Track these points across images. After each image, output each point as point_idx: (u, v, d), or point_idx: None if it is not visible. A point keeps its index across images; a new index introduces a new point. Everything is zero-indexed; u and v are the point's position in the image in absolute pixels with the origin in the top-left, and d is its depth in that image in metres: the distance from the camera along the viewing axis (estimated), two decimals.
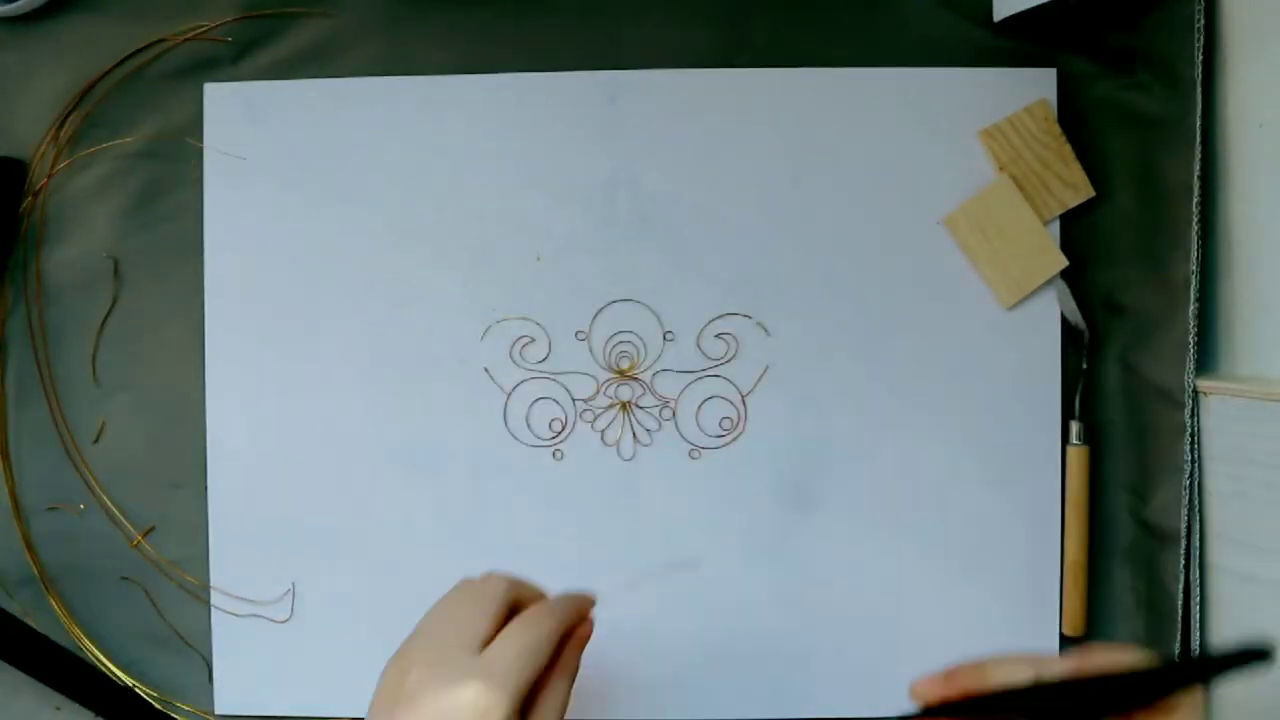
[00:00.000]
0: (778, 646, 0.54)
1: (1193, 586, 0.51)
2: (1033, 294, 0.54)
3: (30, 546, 0.56)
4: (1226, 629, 0.49)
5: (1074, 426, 0.54)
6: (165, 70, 0.55)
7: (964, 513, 0.54)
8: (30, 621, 0.55)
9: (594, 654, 0.54)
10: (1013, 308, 0.54)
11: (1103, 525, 0.54)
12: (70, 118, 0.56)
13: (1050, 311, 0.54)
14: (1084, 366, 0.54)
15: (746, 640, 0.54)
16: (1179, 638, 0.51)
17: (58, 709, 0.56)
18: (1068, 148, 0.53)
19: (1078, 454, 0.53)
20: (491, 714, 0.37)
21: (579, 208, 0.55)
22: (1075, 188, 0.54)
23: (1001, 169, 0.54)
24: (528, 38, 0.55)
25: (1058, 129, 0.53)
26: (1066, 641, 0.54)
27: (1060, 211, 0.53)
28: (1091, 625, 0.54)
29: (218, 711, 0.55)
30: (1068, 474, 0.54)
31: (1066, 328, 0.54)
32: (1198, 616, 0.51)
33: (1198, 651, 0.47)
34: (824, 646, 0.54)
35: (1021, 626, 0.54)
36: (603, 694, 0.54)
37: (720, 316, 0.55)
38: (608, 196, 0.55)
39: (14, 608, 0.56)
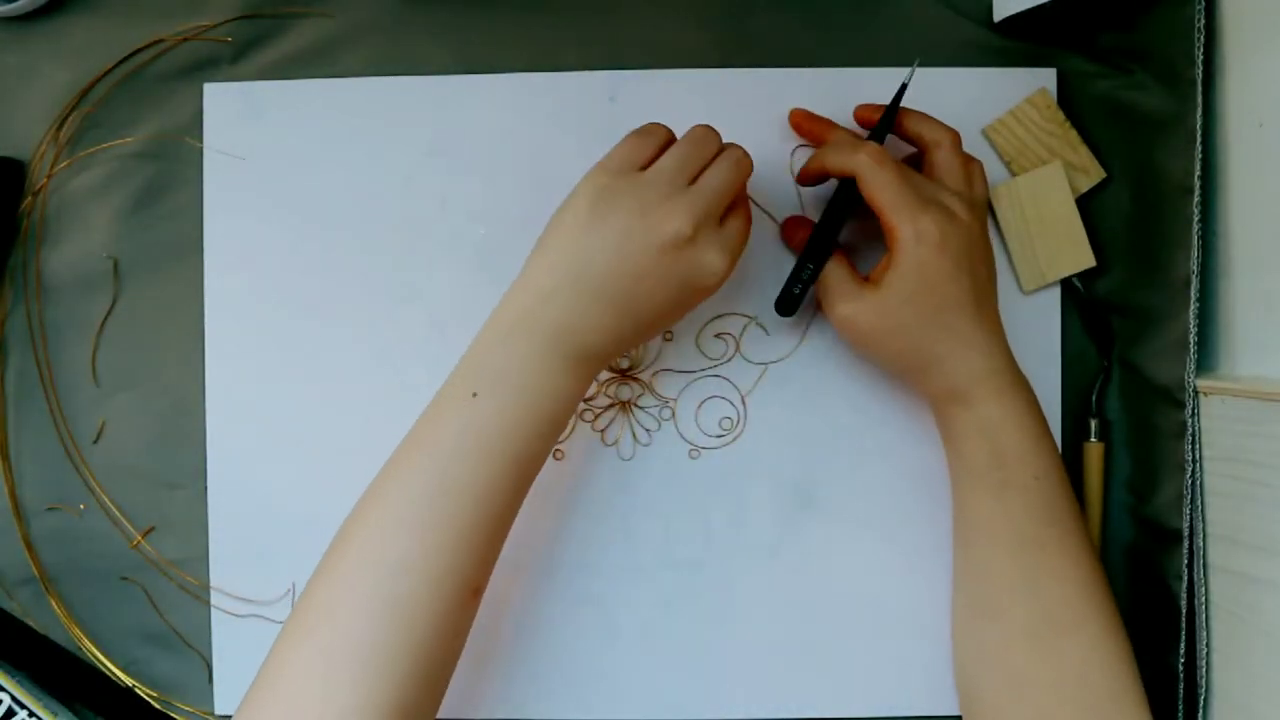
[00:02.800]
0: (777, 646, 0.54)
1: (1196, 586, 0.51)
2: (1046, 288, 0.54)
3: (30, 546, 0.56)
4: (1226, 629, 0.49)
5: (1091, 423, 0.54)
6: (165, 70, 0.55)
7: None
8: (30, 621, 0.55)
9: (593, 653, 0.54)
10: (1030, 293, 0.54)
11: (1104, 524, 0.54)
12: (70, 118, 0.56)
13: (1052, 310, 0.54)
14: (1104, 364, 0.54)
15: (746, 640, 0.54)
16: (1182, 637, 0.51)
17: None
18: (1074, 133, 0.53)
19: (1094, 450, 0.53)
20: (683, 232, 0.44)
21: None
22: (1086, 171, 0.54)
23: (1010, 163, 0.54)
24: (528, 38, 0.55)
25: (1061, 115, 0.53)
26: None
27: (1074, 197, 0.53)
28: None
29: (218, 711, 0.55)
30: (1085, 470, 0.54)
31: (1088, 324, 0.54)
32: (1201, 617, 0.51)
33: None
34: (823, 646, 0.54)
35: None
36: (602, 694, 0.54)
37: (720, 316, 0.55)
38: None
39: (14, 608, 0.56)
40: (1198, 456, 0.51)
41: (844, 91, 0.54)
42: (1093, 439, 0.54)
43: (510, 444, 0.44)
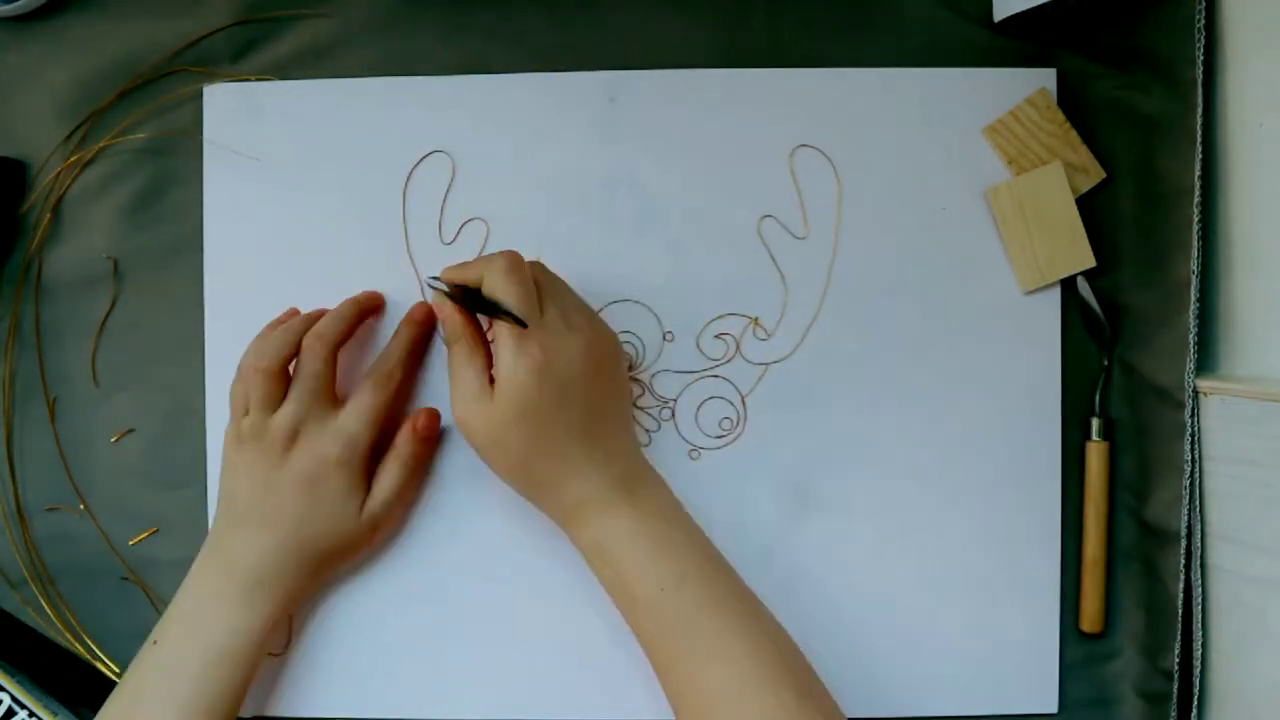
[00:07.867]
0: None
1: (1193, 587, 0.51)
2: (1045, 288, 0.54)
3: (30, 546, 0.56)
4: (1226, 629, 0.49)
5: (1094, 423, 0.54)
6: (165, 70, 0.55)
7: (965, 511, 0.54)
8: (30, 621, 0.55)
9: (592, 654, 0.54)
10: (1030, 293, 0.54)
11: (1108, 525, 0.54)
12: (71, 117, 0.56)
13: (1052, 310, 0.54)
14: (1105, 363, 0.54)
15: None
16: (1179, 637, 0.51)
17: None
18: (1073, 133, 0.53)
19: (1098, 450, 0.53)
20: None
21: (579, 208, 0.55)
22: (1086, 171, 0.54)
23: (1010, 163, 0.54)
24: (528, 38, 0.55)
25: (1061, 115, 0.53)
26: (1085, 639, 0.54)
27: (1075, 197, 0.53)
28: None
29: None
30: (1088, 470, 0.54)
31: (1088, 324, 0.54)
32: (1198, 616, 0.51)
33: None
34: (823, 646, 0.54)
35: (1023, 625, 0.54)
36: (602, 694, 0.54)
37: (720, 317, 0.55)
38: (608, 196, 0.55)
39: (13, 607, 0.56)
40: (1197, 456, 0.51)
41: (844, 91, 0.54)
42: (1095, 438, 0.54)
43: (189, 683, 0.47)
